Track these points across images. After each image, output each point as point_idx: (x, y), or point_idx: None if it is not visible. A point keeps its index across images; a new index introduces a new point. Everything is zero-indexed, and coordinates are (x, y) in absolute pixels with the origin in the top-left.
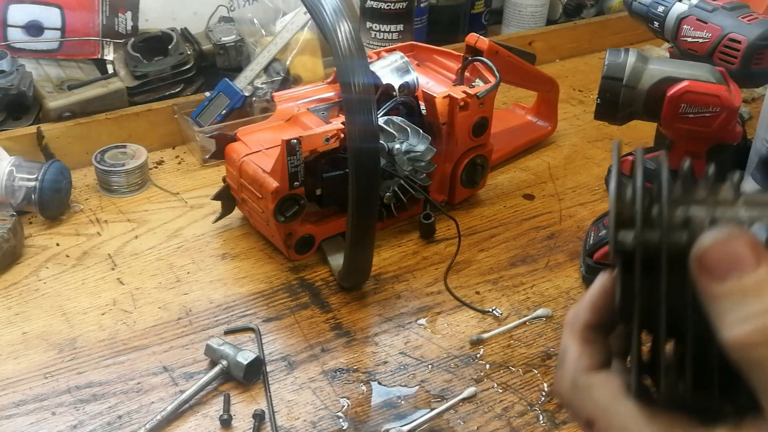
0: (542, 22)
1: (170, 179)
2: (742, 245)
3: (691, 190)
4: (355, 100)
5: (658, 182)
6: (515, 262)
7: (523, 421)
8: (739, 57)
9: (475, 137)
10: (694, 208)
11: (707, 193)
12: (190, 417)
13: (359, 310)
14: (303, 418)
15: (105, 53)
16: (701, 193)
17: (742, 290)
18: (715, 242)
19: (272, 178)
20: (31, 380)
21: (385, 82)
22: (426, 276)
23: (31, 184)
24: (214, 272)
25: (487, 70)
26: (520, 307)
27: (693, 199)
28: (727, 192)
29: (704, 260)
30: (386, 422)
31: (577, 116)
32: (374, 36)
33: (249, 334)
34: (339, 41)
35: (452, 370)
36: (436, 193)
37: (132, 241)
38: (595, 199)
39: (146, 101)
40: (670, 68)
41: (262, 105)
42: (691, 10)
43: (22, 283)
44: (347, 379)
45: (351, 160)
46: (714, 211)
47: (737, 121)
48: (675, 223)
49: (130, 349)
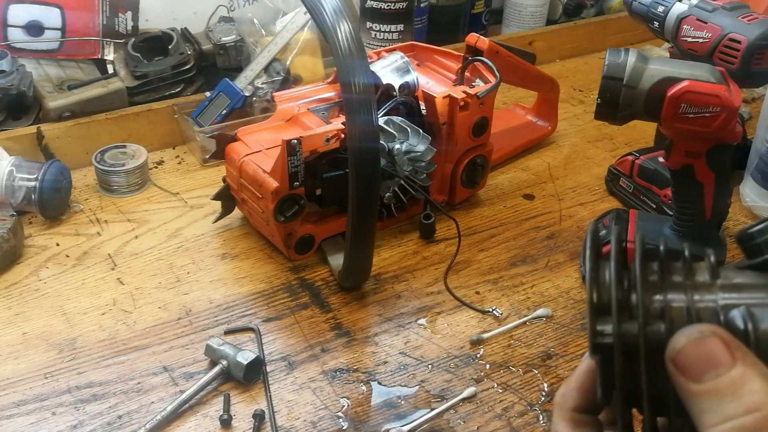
0: (542, 22)
1: (170, 179)
2: (716, 343)
3: (668, 272)
4: (355, 100)
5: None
6: (515, 262)
7: (523, 421)
8: (739, 57)
9: (475, 137)
10: (672, 294)
11: (684, 275)
12: (190, 417)
13: (359, 310)
14: (303, 418)
15: (105, 53)
16: (678, 276)
17: (719, 391)
18: (688, 342)
19: (272, 178)
20: (32, 380)
21: (385, 82)
22: (426, 276)
23: (31, 184)
24: (214, 272)
25: (487, 70)
26: (520, 307)
27: (670, 284)
28: (704, 274)
29: (679, 360)
30: (386, 422)
31: (577, 116)
32: (374, 36)
33: (249, 334)
34: (339, 41)
35: (452, 370)
36: (436, 193)
37: (132, 241)
38: (595, 199)
39: (146, 101)
40: (670, 68)
41: (262, 105)
42: (691, 10)
43: (22, 283)
44: (347, 379)
45: (351, 160)
46: (692, 297)
47: (737, 121)
48: (653, 313)
49: (130, 349)
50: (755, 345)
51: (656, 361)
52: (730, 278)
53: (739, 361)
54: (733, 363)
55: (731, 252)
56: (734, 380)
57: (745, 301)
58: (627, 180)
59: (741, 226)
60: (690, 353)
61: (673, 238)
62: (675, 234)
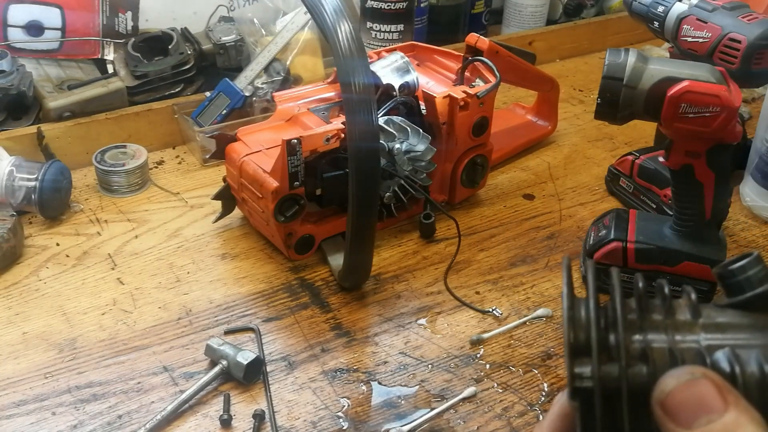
0: (542, 22)
1: (170, 179)
2: (708, 387)
3: (647, 310)
4: (355, 100)
5: (612, 305)
6: (515, 262)
7: (523, 421)
8: (739, 57)
9: (475, 137)
10: (652, 334)
11: (664, 313)
12: (190, 417)
13: (359, 310)
14: (303, 418)
15: (105, 53)
16: (658, 315)
17: None
18: (678, 384)
19: (272, 178)
20: (32, 380)
21: (385, 82)
22: (426, 276)
23: (31, 184)
24: (214, 272)
25: (487, 70)
26: (520, 307)
27: (650, 323)
28: (685, 312)
29: (668, 405)
30: (386, 422)
31: (577, 116)
32: (374, 36)
33: (249, 334)
34: (339, 41)
35: (452, 370)
36: (436, 193)
37: (132, 241)
38: (595, 199)
39: (146, 101)
40: (670, 68)
41: (262, 105)
42: (691, 9)
43: (22, 283)
44: (347, 379)
45: (351, 160)
46: (673, 337)
47: (737, 121)
48: (633, 354)
49: (130, 349)
50: (743, 388)
51: (639, 404)
52: (712, 317)
53: (731, 405)
54: (725, 408)
55: (731, 252)
56: (727, 426)
57: (729, 342)
58: (627, 180)
59: (741, 225)
60: (680, 397)
61: (673, 238)
62: (675, 234)
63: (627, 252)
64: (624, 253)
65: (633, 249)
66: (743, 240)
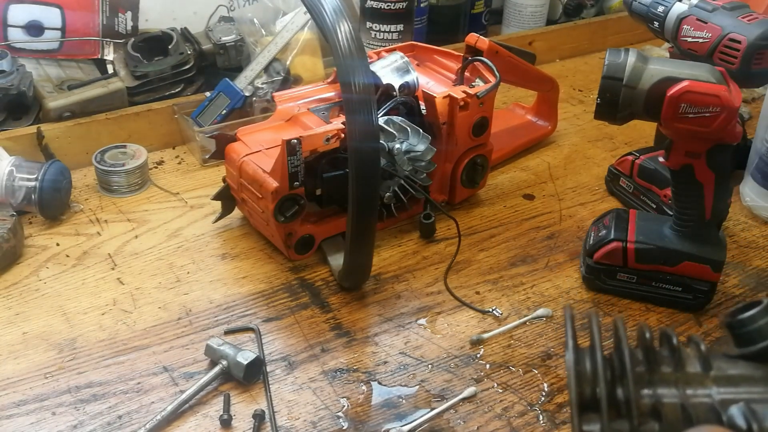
0: (542, 22)
1: (170, 179)
2: None
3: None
4: (355, 100)
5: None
6: (515, 262)
7: (523, 421)
8: (739, 57)
9: (475, 137)
10: (662, 388)
11: (674, 365)
12: (190, 417)
13: (359, 310)
14: (303, 418)
15: (105, 53)
16: (667, 367)
17: None
18: None
19: (272, 178)
20: (31, 380)
21: (385, 82)
22: (426, 276)
23: (31, 184)
24: (214, 272)
25: (487, 70)
26: (520, 307)
27: (659, 376)
28: (695, 364)
29: None
30: (386, 422)
31: (577, 116)
32: (374, 36)
33: (249, 334)
34: (339, 41)
35: (452, 370)
36: (436, 193)
37: (132, 241)
38: (595, 199)
39: (146, 101)
40: (670, 68)
41: (262, 105)
42: (691, 10)
43: (22, 283)
44: (347, 379)
45: (351, 160)
46: (684, 392)
47: (737, 121)
48: (643, 410)
49: (130, 349)
50: None
51: None
52: (723, 370)
53: None
54: None
55: (731, 252)
56: None
57: (742, 396)
58: (627, 180)
59: (741, 225)
60: None
61: (673, 238)
62: (675, 234)
63: (627, 252)
64: (624, 253)
65: (633, 249)
66: (743, 240)
